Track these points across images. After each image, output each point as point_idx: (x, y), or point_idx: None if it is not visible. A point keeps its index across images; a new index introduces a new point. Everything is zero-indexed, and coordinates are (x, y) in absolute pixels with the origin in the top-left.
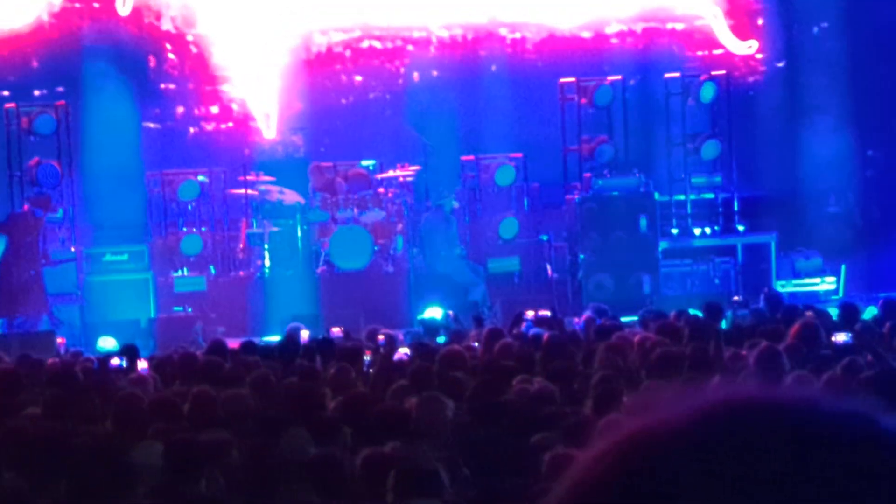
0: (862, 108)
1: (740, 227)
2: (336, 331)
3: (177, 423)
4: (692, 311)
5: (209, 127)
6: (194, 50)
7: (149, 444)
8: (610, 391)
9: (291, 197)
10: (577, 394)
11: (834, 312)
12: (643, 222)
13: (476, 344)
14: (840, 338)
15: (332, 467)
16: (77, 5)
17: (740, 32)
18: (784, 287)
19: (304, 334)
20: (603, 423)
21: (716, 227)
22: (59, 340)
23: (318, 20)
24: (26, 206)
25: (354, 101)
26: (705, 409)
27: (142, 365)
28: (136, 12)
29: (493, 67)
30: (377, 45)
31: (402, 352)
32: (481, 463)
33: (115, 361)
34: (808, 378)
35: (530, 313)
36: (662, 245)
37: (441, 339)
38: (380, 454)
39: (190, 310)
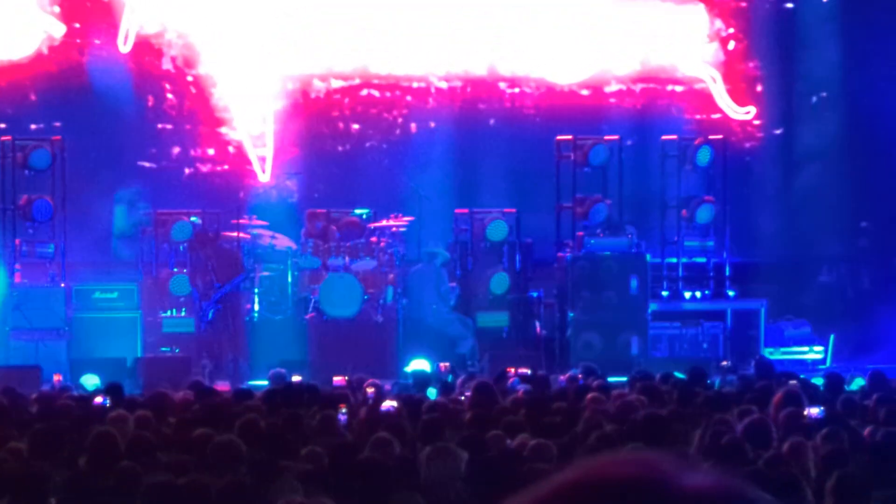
0: (857, 179)
1: (731, 293)
2: (338, 380)
3: (156, 463)
4: (678, 375)
5: (204, 168)
6: (193, 90)
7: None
8: (594, 449)
9: (283, 242)
10: (562, 450)
11: (819, 382)
12: (634, 283)
13: (463, 398)
14: (813, 411)
15: None
16: (78, 40)
17: (739, 98)
18: (772, 354)
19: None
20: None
21: (706, 292)
22: (55, 377)
23: (317, 66)
24: None
25: (351, 149)
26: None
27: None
28: (137, 50)
29: (492, 121)
30: (376, 93)
31: (389, 403)
32: None
33: (98, 399)
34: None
35: (513, 370)
36: (652, 307)
37: (431, 392)
38: None
39: (177, 350)
